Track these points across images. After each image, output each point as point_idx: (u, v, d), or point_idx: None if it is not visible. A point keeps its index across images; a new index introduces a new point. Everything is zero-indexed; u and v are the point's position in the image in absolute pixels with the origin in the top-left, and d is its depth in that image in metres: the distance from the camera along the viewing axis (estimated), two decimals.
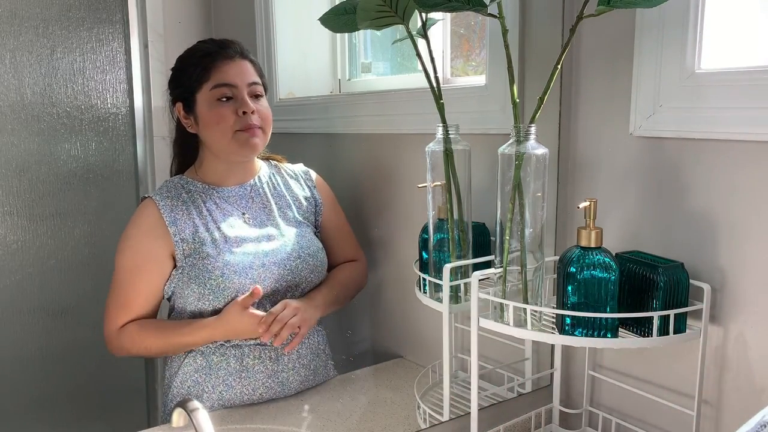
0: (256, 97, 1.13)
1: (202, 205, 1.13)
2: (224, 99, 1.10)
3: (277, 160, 1.25)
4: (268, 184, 1.20)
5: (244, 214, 1.15)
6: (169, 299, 1.14)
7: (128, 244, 1.11)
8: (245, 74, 1.12)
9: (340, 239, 1.26)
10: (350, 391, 1.21)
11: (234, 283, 1.08)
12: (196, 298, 1.09)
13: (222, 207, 1.14)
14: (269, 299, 1.12)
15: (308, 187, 1.24)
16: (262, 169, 1.21)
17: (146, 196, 1.12)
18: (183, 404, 0.77)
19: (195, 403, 0.76)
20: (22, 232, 1.18)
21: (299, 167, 1.26)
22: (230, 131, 1.10)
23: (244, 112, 1.10)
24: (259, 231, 1.14)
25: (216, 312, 1.09)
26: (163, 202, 1.10)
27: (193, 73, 1.12)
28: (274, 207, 1.18)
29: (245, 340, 1.11)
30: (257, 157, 1.21)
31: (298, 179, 1.24)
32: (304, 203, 1.22)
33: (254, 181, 1.19)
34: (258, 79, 1.14)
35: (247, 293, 1.06)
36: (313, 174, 1.26)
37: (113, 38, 1.22)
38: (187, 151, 1.18)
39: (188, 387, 1.12)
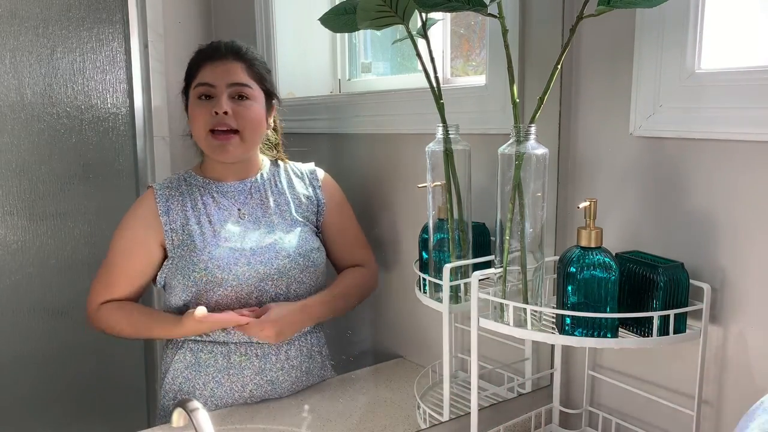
0: (240, 98, 1.12)
1: (199, 198, 1.14)
2: (203, 98, 1.11)
3: (283, 159, 1.25)
4: (270, 181, 1.20)
5: (239, 210, 1.15)
6: (164, 288, 1.14)
7: (121, 228, 1.14)
8: (228, 74, 1.12)
9: (346, 242, 1.25)
10: (350, 391, 1.21)
11: (216, 278, 1.08)
12: (181, 289, 1.10)
13: (219, 202, 1.15)
14: (255, 297, 1.12)
15: (312, 186, 1.24)
16: (266, 166, 1.21)
17: (150, 185, 1.15)
18: (183, 404, 0.77)
19: (195, 403, 0.76)
20: (22, 232, 1.18)
21: (307, 166, 1.26)
22: (203, 130, 1.11)
23: (216, 112, 1.10)
24: (253, 228, 1.15)
25: (199, 305, 1.10)
26: (161, 192, 1.13)
27: (187, 72, 1.14)
28: (271, 204, 1.18)
29: (230, 332, 1.12)
30: (261, 155, 1.21)
31: (302, 178, 1.24)
32: (305, 201, 1.21)
33: (256, 177, 1.19)
34: (247, 81, 1.13)
35: (197, 311, 1.06)
36: (321, 174, 1.25)
37: (113, 38, 1.22)
38: (196, 147, 1.19)
39: (179, 383, 1.13)
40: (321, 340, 1.22)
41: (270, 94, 1.17)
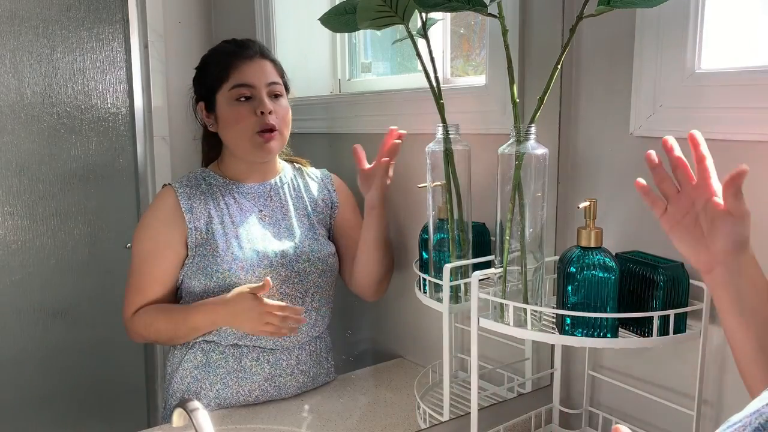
0: (275, 96, 1.13)
1: (221, 198, 1.14)
2: (243, 99, 1.11)
3: (301, 164, 1.25)
4: (288, 185, 1.20)
5: (260, 211, 1.16)
6: (178, 288, 1.14)
7: (144, 230, 1.13)
8: (264, 74, 1.13)
9: (356, 242, 1.25)
10: (350, 391, 1.21)
11: (240, 279, 1.08)
12: (202, 289, 1.09)
13: (240, 203, 1.15)
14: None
15: (327, 189, 1.24)
16: (285, 170, 1.22)
17: (167, 184, 1.14)
18: (183, 404, 0.77)
19: (195, 403, 0.76)
20: (22, 232, 1.18)
21: (322, 171, 1.27)
22: (249, 131, 1.11)
23: (262, 112, 1.10)
24: (273, 230, 1.15)
25: None
26: (182, 190, 1.12)
27: (213, 72, 1.13)
28: (291, 208, 1.18)
29: (238, 338, 1.11)
30: (280, 158, 1.21)
31: (319, 182, 1.25)
32: (321, 205, 1.22)
33: (275, 180, 1.19)
34: (278, 79, 1.14)
35: (259, 284, 1.05)
36: (334, 177, 1.27)
37: (113, 38, 1.22)
38: (212, 148, 1.19)
39: (188, 383, 1.13)
40: (328, 345, 1.22)
41: (287, 89, 1.18)
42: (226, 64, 1.12)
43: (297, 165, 1.25)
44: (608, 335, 0.87)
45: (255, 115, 1.11)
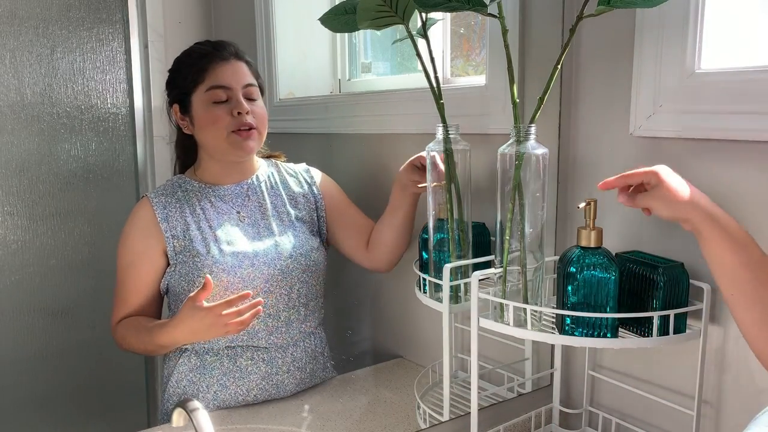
0: (251, 98, 1.13)
1: (197, 203, 1.13)
2: (219, 101, 1.11)
3: (276, 158, 1.25)
4: (265, 182, 1.20)
5: (239, 212, 1.15)
6: (166, 295, 1.15)
7: (123, 242, 1.13)
8: (240, 76, 1.12)
9: (354, 221, 1.25)
10: (350, 391, 1.21)
11: (223, 282, 1.08)
12: (186, 295, 1.09)
13: (217, 206, 1.14)
14: (261, 298, 1.11)
15: (307, 184, 1.24)
16: (261, 167, 1.21)
17: (144, 195, 1.14)
18: (183, 404, 0.77)
19: (195, 403, 0.76)
20: (22, 232, 1.18)
21: (300, 166, 1.26)
22: (225, 132, 1.11)
23: (239, 113, 1.10)
24: (253, 230, 1.15)
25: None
26: (157, 200, 1.12)
27: (187, 74, 1.12)
28: (269, 206, 1.18)
29: (231, 339, 1.10)
30: (256, 156, 1.21)
31: (297, 177, 1.24)
32: (302, 201, 1.21)
33: (252, 179, 1.19)
34: (253, 81, 1.14)
35: (199, 287, 1.02)
36: (314, 171, 1.26)
37: (113, 38, 1.22)
38: (187, 151, 1.19)
39: (184, 386, 1.13)
40: (323, 341, 1.22)
41: (263, 90, 1.17)
42: (200, 66, 1.11)
43: (273, 161, 1.24)
44: (608, 335, 0.87)
45: (231, 116, 1.10)
